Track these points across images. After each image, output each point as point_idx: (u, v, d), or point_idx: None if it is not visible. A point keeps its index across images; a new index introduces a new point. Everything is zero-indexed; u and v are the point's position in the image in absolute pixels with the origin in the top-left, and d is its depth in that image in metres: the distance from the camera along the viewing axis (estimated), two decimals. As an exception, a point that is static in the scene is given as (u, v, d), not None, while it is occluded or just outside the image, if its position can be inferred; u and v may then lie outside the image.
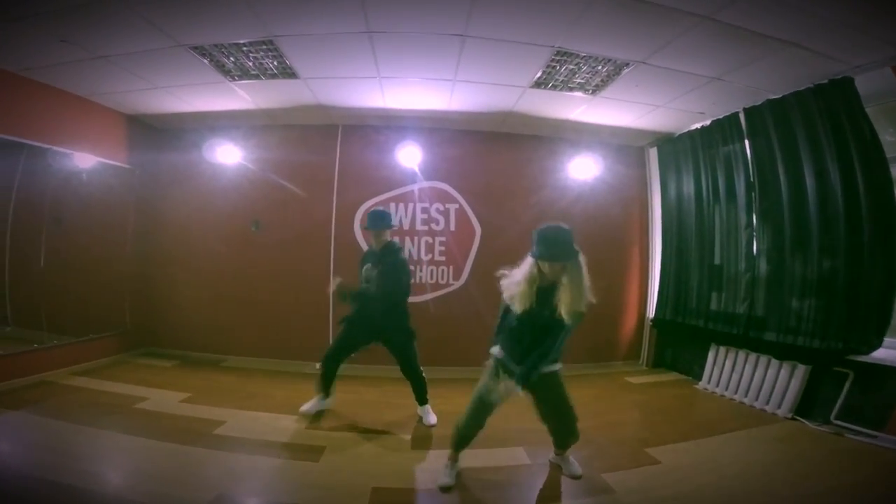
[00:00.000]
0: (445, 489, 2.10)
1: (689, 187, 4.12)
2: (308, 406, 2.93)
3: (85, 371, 3.70)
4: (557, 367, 2.07)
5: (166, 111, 4.05)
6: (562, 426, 2.16)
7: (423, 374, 2.94)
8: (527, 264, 1.95)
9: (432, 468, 2.29)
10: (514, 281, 1.96)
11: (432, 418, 2.92)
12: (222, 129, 4.26)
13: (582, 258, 1.90)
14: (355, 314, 2.86)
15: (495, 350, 2.12)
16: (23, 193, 3.50)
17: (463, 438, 2.16)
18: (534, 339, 1.96)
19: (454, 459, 2.22)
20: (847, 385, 2.90)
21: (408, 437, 2.70)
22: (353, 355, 2.91)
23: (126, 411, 2.89)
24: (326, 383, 2.93)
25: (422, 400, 2.97)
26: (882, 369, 2.70)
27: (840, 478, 2.25)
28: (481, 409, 2.07)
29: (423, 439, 2.68)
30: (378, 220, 2.85)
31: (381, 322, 2.79)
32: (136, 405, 3.00)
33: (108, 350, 4.06)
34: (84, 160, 3.79)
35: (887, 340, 2.75)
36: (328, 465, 2.31)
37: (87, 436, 2.49)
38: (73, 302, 3.88)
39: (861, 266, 2.75)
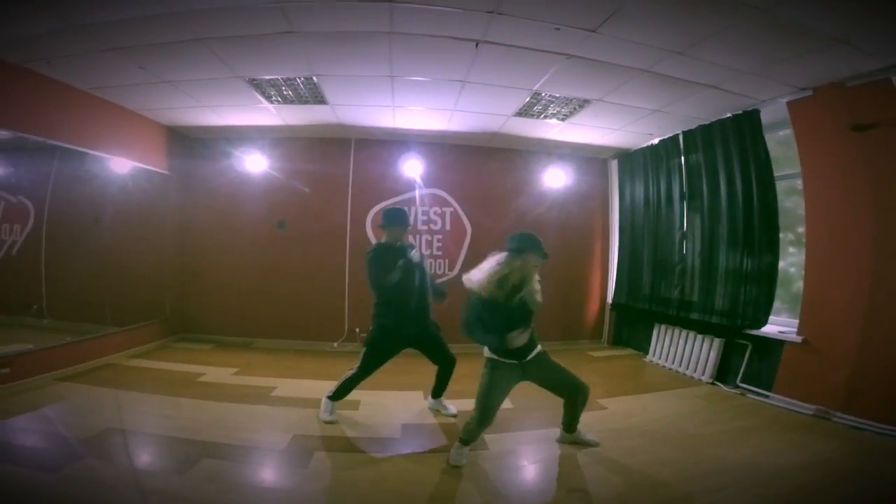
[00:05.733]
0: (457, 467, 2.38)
1: (640, 194, 4.99)
2: (328, 415, 2.92)
3: (138, 354, 4.32)
4: (540, 347, 2.47)
5: (203, 124, 4.63)
6: (571, 390, 2.54)
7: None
8: (529, 263, 2.27)
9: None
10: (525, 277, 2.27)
11: (452, 408, 3.11)
12: (249, 139, 4.88)
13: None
14: (391, 327, 2.82)
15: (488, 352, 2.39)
16: (65, 197, 3.80)
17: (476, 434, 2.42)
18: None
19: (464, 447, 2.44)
20: (747, 355, 3.68)
21: (421, 392, 3.47)
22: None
23: (192, 383, 3.56)
24: (344, 395, 2.96)
25: (441, 391, 3.10)
26: (769, 341, 3.51)
27: (732, 424, 3.00)
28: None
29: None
30: (405, 217, 2.97)
31: (421, 319, 2.90)
32: (198, 379, 3.68)
33: (153, 336, 4.68)
34: (128, 166, 4.28)
35: (772, 318, 3.61)
36: (366, 412, 3.10)
37: (172, 403, 3.11)
38: (116, 294, 4.27)
39: (753, 258, 3.62)
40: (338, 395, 2.94)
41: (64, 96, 3.58)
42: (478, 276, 2.33)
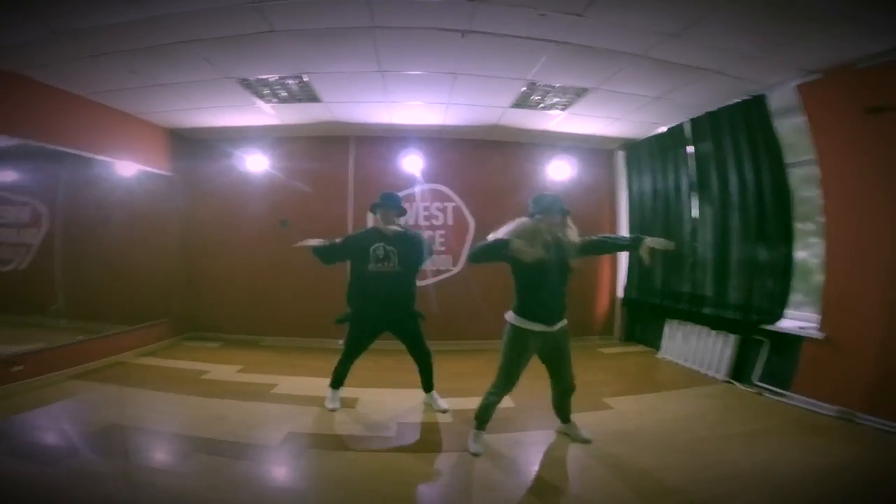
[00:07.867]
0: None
1: (648, 185, 4.82)
2: (331, 403, 3.10)
3: (147, 353, 4.43)
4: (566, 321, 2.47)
5: (202, 125, 4.70)
6: (567, 383, 2.57)
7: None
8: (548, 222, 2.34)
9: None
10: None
11: (443, 403, 3.13)
12: (249, 140, 4.94)
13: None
14: (359, 308, 2.94)
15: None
16: (75, 201, 3.91)
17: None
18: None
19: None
20: (764, 351, 3.50)
21: (419, 389, 3.39)
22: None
23: (196, 381, 3.63)
24: (340, 380, 3.13)
25: (429, 385, 3.15)
26: (786, 337, 3.32)
27: (747, 425, 2.84)
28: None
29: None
30: (394, 201, 3.02)
31: (396, 305, 2.94)
32: (203, 376, 3.75)
33: (162, 335, 4.79)
34: (133, 169, 4.37)
35: (796, 313, 3.42)
36: (363, 410, 3.10)
37: (174, 400, 3.19)
38: (126, 295, 4.39)
39: (768, 250, 3.44)
40: (335, 382, 3.12)
41: (65, 102, 3.66)
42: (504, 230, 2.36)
